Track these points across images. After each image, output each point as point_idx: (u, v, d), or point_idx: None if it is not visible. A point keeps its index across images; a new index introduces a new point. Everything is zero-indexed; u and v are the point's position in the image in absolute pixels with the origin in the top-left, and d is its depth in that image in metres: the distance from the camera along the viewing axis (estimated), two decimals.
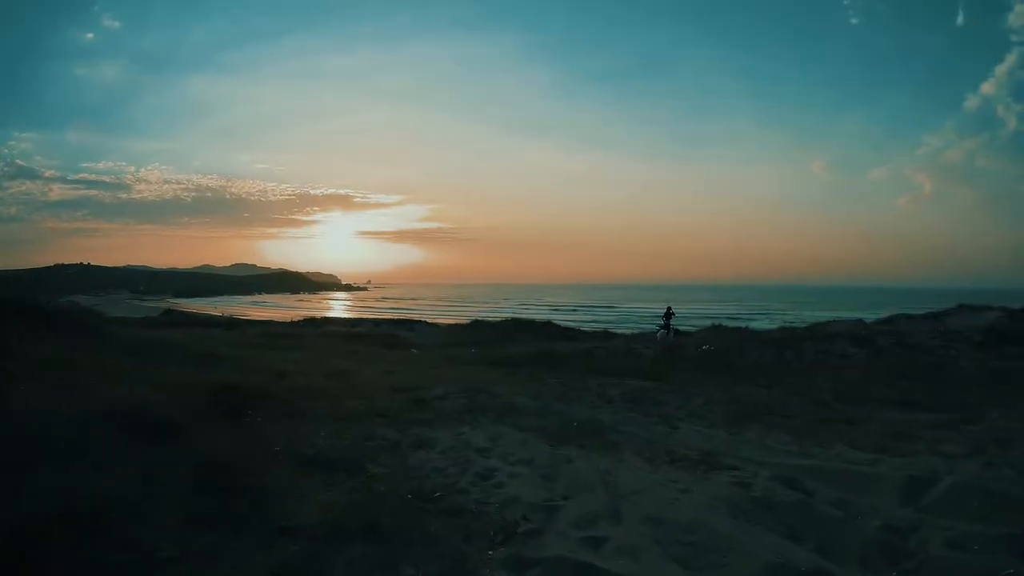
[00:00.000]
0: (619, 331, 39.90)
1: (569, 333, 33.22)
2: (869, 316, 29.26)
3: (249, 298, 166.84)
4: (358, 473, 5.34)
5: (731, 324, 37.08)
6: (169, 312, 69.64)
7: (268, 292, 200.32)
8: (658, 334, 24.05)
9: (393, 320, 45.29)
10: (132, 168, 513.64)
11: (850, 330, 19.94)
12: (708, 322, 30.30)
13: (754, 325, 32.65)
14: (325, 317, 52.47)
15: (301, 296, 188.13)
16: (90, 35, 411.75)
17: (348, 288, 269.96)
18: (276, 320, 56.06)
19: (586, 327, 45.62)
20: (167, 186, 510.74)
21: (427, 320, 49.39)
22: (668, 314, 25.64)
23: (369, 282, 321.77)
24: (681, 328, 34.79)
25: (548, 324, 35.28)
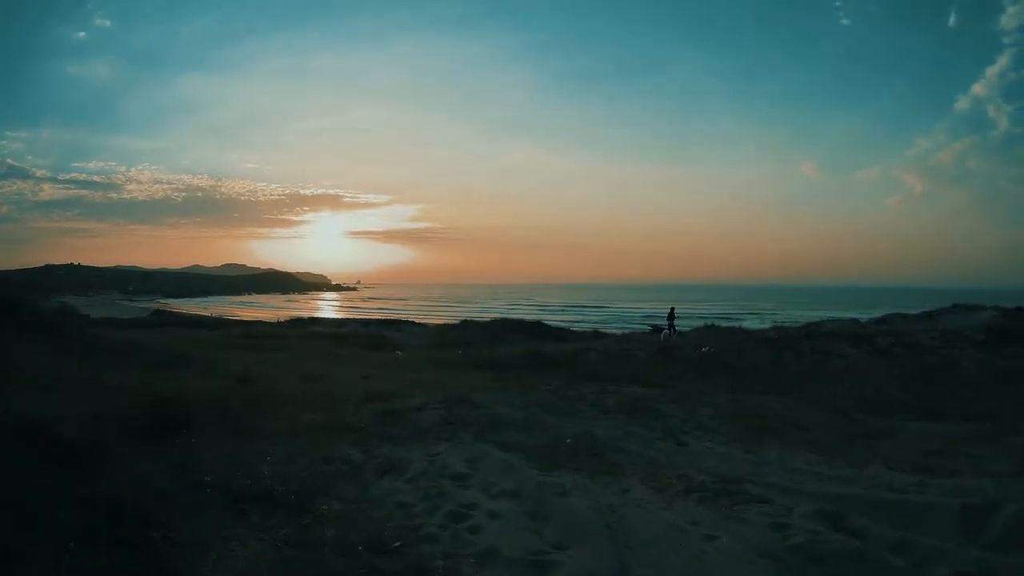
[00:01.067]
0: (609, 331, 39.39)
1: (559, 334, 32.48)
2: (861, 316, 28.73)
3: (239, 298, 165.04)
4: (303, 512, 4.31)
5: (723, 324, 36.61)
6: (158, 312, 68.60)
7: (258, 292, 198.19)
8: (662, 334, 23.48)
9: (381, 320, 44.41)
10: (123, 168, 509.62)
11: (847, 330, 19.46)
12: (700, 322, 29.67)
13: (745, 325, 31.97)
14: (312, 317, 51.44)
15: (290, 296, 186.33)
16: (81, 34, 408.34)
17: (338, 288, 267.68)
18: (263, 320, 55.03)
19: (575, 327, 44.92)
20: (157, 186, 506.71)
21: (415, 320, 48.55)
22: (672, 315, 25.15)
23: (359, 282, 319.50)
24: (677, 328, 34.36)
25: (537, 324, 34.63)
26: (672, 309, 25.99)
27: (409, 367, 15.82)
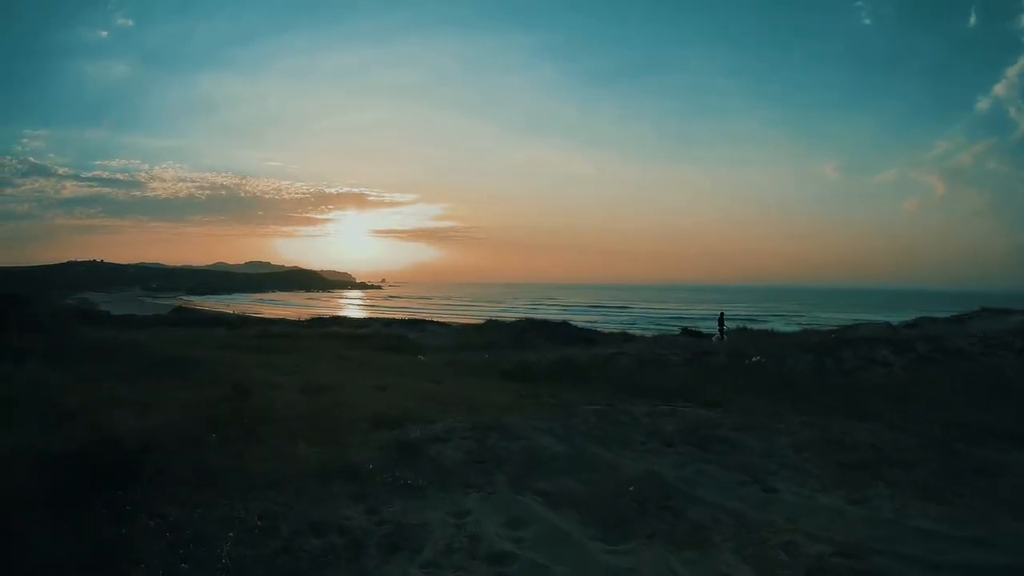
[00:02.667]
0: (636, 333, 38.12)
1: (586, 335, 31.08)
2: (886, 318, 27.57)
3: (261, 296, 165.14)
4: None
5: (751, 327, 35.47)
6: (179, 310, 68.26)
7: (282, 290, 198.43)
8: (713, 338, 23.16)
9: (403, 320, 43.09)
10: (146, 166, 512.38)
11: (885, 335, 18.53)
12: (730, 325, 28.58)
13: (773, 327, 30.83)
14: (333, 316, 50.23)
15: (311, 294, 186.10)
16: (103, 33, 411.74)
17: (362, 286, 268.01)
18: (285, 318, 53.97)
19: (600, 327, 43.37)
20: (181, 184, 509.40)
21: (438, 320, 47.12)
22: (722, 319, 24.85)
23: (383, 280, 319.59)
24: (704, 331, 32.96)
25: (564, 325, 33.44)
26: (722, 314, 25.63)
27: (430, 374, 14.38)
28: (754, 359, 16.64)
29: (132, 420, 6.33)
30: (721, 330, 24.14)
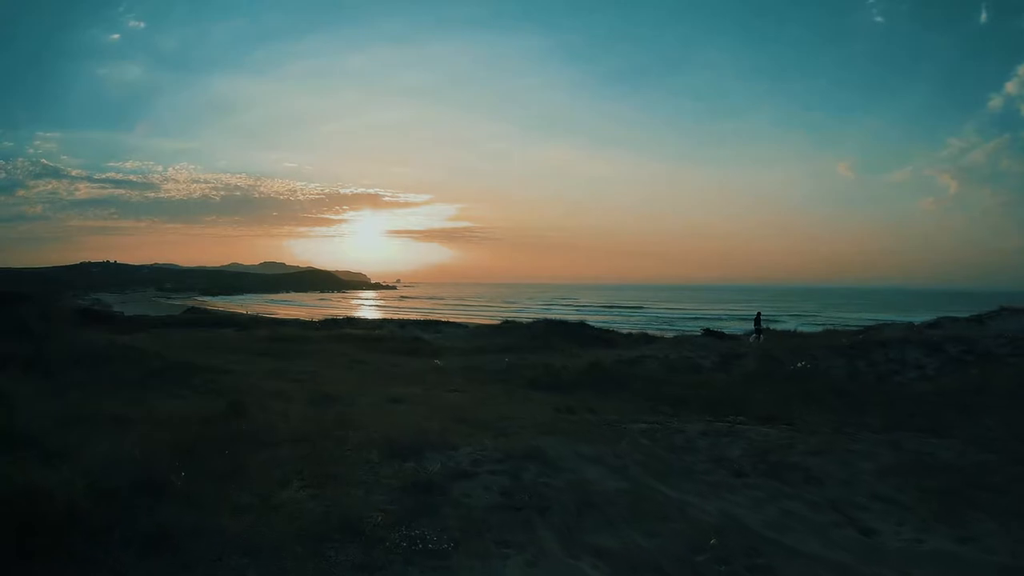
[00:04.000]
0: (655, 333, 36.91)
1: (605, 336, 29.89)
2: (904, 318, 26.49)
3: (276, 296, 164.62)
4: None
5: (770, 327, 34.33)
6: (192, 310, 67.55)
7: (297, 291, 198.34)
8: (751, 339, 22.34)
9: (419, 321, 41.94)
10: (160, 167, 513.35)
11: (911, 336, 17.45)
12: (748, 324, 27.82)
13: (795, 327, 30.81)
14: (348, 317, 49.12)
15: (325, 294, 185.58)
16: (115, 36, 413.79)
17: (377, 287, 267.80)
18: (298, 319, 52.99)
19: (616, 328, 42.01)
20: (195, 185, 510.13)
21: (454, 321, 45.92)
22: (759, 319, 24.24)
23: (398, 281, 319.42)
24: (727, 332, 31.78)
25: (581, 325, 32.25)
26: (759, 314, 24.90)
27: (448, 381, 13.24)
28: (798, 365, 15.35)
29: (91, 448, 5.16)
30: (758, 330, 23.25)
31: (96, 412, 7.33)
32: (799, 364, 15.39)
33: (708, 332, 30.62)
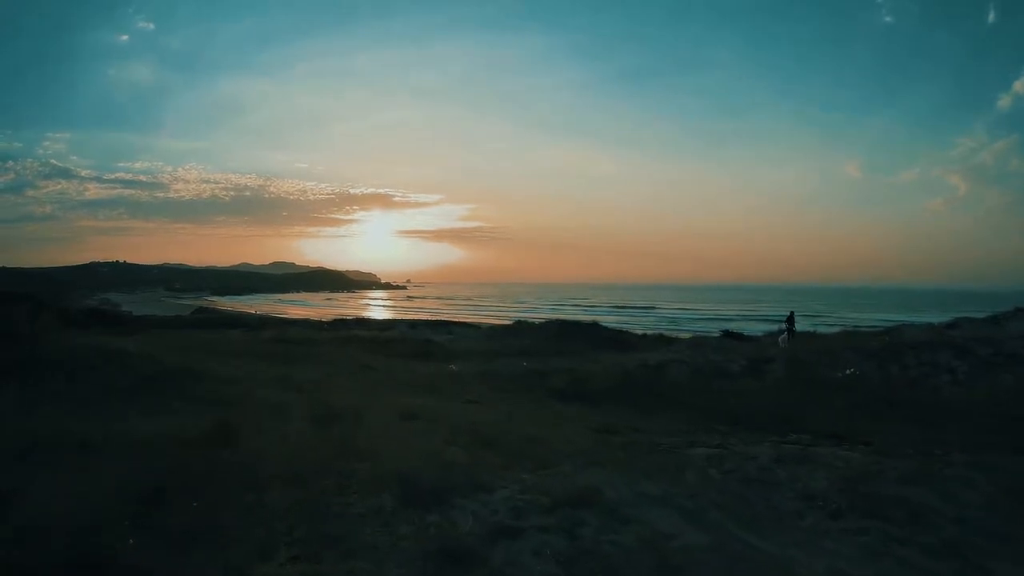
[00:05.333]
0: (671, 334, 35.86)
1: (621, 338, 28.76)
2: (916, 318, 25.79)
3: (285, 296, 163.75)
4: None
5: (774, 327, 33.26)
6: (201, 310, 66.75)
7: (307, 291, 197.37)
8: (779, 339, 21.07)
9: (430, 322, 40.85)
10: (169, 168, 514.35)
11: (935, 338, 16.57)
12: (762, 324, 26.75)
13: (804, 328, 28.72)
14: (357, 318, 47.98)
15: (335, 294, 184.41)
16: (124, 37, 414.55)
17: (387, 287, 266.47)
18: (308, 319, 51.99)
19: (630, 328, 40.84)
20: (205, 185, 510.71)
21: (466, 321, 44.77)
22: (791, 319, 22.52)
23: (408, 281, 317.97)
24: (745, 333, 30.59)
25: (595, 326, 31.13)
26: (791, 314, 23.04)
27: (466, 391, 12.08)
28: (847, 372, 14.07)
29: (37, 491, 4.02)
30: (790, 331, 21.76)
31: (63, 434, 6.21)
32: (848, 371, 14.14)
33: (727, 334, 29.60)
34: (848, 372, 14.05)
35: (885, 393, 12.80)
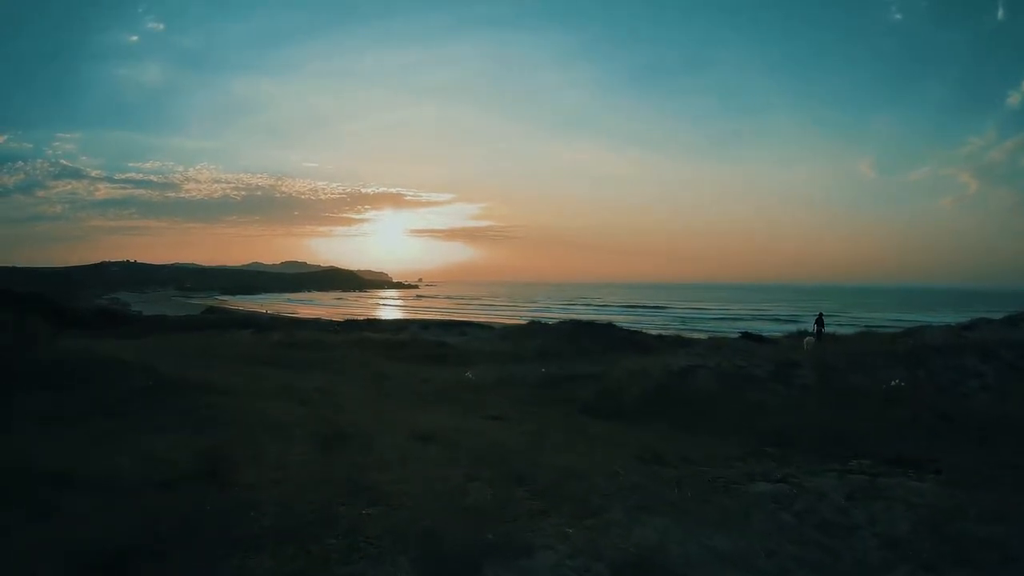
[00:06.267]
0: (685, 334, 35.17)
1: (637, 339, 28.02)
2: (928, 318, 25.16)
3: (297, 295, 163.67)
4: None
5: (795, 328, 32.52)
6: (211, 310, 66.29)
7: (318, 290, 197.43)
8: (805, 340, 20.99)
9: (442, 322, 40.00)
10: (180, 168, 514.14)
11: (958, 341, 16.68)
12: (774, 324, 26.05)
13: (833, 331, 28.06)
14: (369, 319, 47.23)
15: (347, 294, 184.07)
16: (133, 37, 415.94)
17: (399, 286, 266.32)
18: (319, 319, 51.38)
19: (644, 328, 40.10)
20: (216, 185, 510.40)
21: (479, 321, 43.93)
22: (820, 321, 22.88)
23: (420, 280, 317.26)
24: (764, 333, 29.79)
25: (610, 327, 30.50)
26: (820, 315, 23.33)
27: (486, 403, 11.20)
28: (894, 383, 13.08)
29: None
30: (819, 332, 21.96)
31: (25, 471, 5.34)
32: (893, 383, 13.17)
33: (747, 336, 29.05)
34: (893, 384, 13.08)
35: (932, 406, 11.92)
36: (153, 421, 8.29)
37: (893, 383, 13.11)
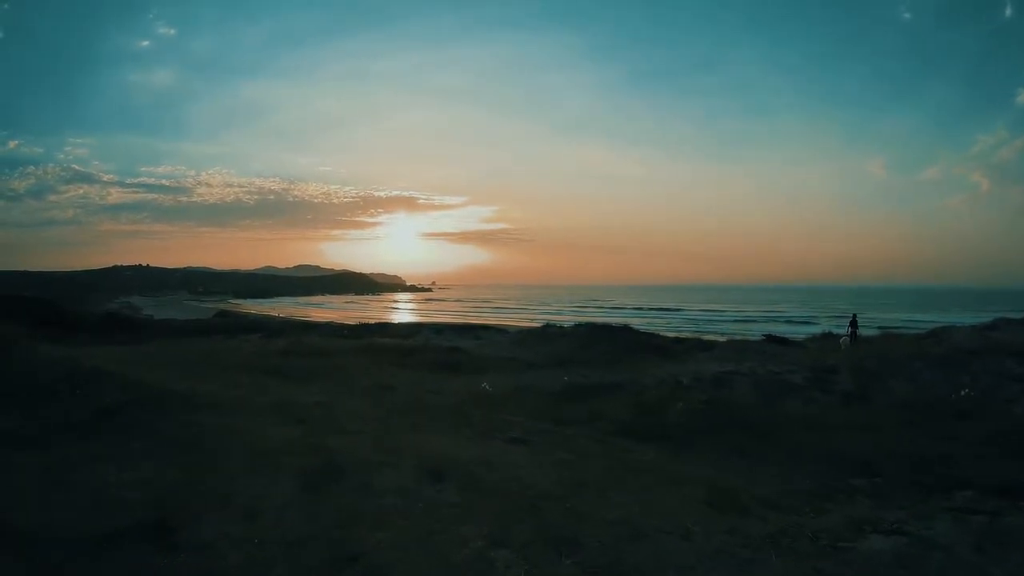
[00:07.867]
0: (706, 336, 34.45)
1: (656, 343, 26.55)
2: (946, 318, 24.41)
3: (309, 299, 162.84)
4: None
5: (813, 330, 31.41)
6: (222, 314, 65.26)
7: (331, 293, 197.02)
8: (840, 341, 21.53)
9: (456, 326, 38.67)
10: (192, 172, 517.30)
11: (992, 343, 16.25)
12: (786, 325, 25.30)
13: (835, 330, 28.48)
14: (380, 323, 46.09)
15: (359, 297, 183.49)
16: (144, 43, 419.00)
17: (412, 289, 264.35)
18: (331, 322, 50.48)
19: (660, 331, 38.93)
20: (228, 189, 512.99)
21: (493, 324, 42.72)
22: (854, 322, 22.58)
23: (433, 283, 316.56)
24: (787, 335, 28.61)
25: (627, 330, 29.01)
26: (854, 316, 23.01)
27: (506, 422, 9.82)
28: (963, 393, 11.68)
29: None
30: (853, 334, 21.79)
31: None
32: (963, 392, 11.75)
33: (770, 338, 27.86)
34: (964, 393, 11.66)
35: (1008, 420, 10.52)
36: (119, 447, 7.04)
37: (963, 392, 11.74)
